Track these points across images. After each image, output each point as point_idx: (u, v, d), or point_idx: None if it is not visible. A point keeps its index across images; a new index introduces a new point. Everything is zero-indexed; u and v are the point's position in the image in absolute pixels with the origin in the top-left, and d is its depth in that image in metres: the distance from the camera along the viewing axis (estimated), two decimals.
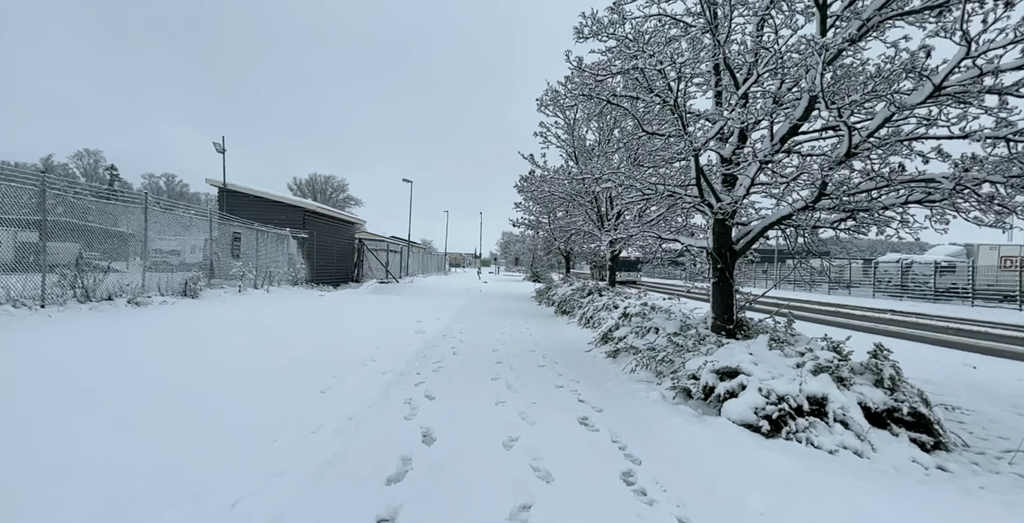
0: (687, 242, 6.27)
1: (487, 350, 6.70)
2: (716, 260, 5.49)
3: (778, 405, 3.56)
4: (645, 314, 7.26)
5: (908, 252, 35.40)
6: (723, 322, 5.41)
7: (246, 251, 12.09)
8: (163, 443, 2.76)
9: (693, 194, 5.36)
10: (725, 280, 5.48)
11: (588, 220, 13.12)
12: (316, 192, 69.39)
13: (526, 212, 16.86)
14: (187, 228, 11.32)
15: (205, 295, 9.72)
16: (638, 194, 6.02)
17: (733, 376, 3.97)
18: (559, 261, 32.15)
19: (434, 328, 8.37)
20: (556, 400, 4.25)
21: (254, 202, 15.56)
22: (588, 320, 9.61)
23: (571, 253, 21.71)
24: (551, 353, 6.69)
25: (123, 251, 9.28)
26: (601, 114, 6.66)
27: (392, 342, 6.55)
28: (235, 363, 4.66)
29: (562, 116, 12.37)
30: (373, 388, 4.23)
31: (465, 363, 5.73)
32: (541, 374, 5.30)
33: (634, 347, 5.88)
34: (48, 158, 64.52)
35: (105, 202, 8.49)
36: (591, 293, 11.71)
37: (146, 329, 5.98)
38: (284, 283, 13.64)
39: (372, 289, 17.64)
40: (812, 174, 4.18)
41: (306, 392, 3.90)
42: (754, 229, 5.34)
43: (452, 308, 12.24)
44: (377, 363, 5.26)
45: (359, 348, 5.92)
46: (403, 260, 28.39)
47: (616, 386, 4.79)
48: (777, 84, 4.62)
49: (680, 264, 8.14)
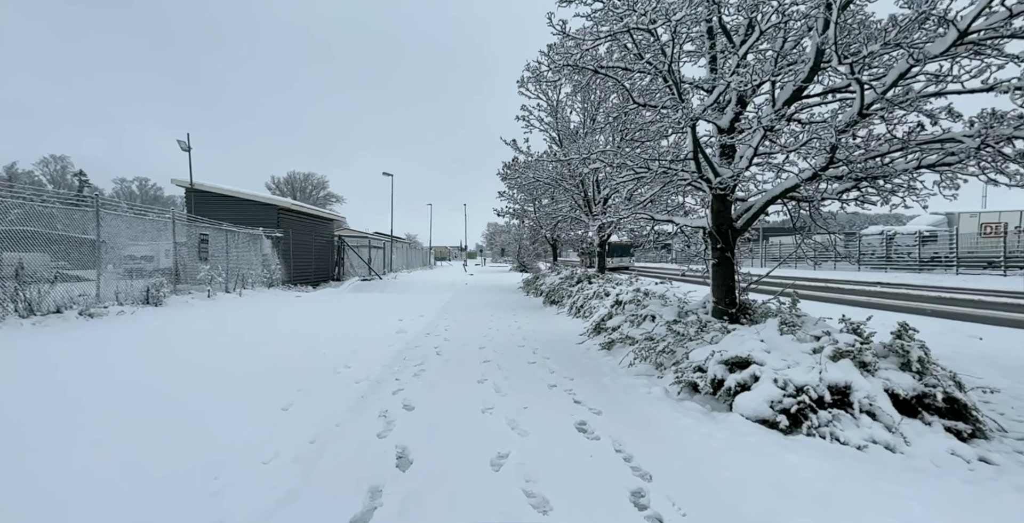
0: (682, 222, 5.86)
1: (473, 348, 6.25)
2: (716, 239, 5.09)
3: (797, 397, 3.18)
4: (639, 301, 6.87)
5: (886, 224, 35.72)
6: (725, 306, 5.02)
7: (215, 253, 11.41)
8: (48, 496, 2.26)
9: (689, 169, 4.92)
10: (726, 261, 5.09)
11: (575, 206, 12.67)
12: (296, 190, 67.82)
13: (510, 201, 16.37)
14: (161, 232, 10.69)
15: (170, 302, 9.08)
16: (629, 173, 5.57)
17: (744, 366, 3.58)
18: (545, 250, 31.74)
19: (417, 326, 7.89)
20: (550, 403, 3.82)
21: (224, 202, 14.78)
22: (579, 310, 9.22)
23: (558, 241, 21.30)
24: (541, 347, 6.27)
25: (92, 259, 8.85)
26: (587, 88, 6.15)
27: (370, 345, 6.05)
28: (187, 379, 4.13)
29: (545, 98, 11.84)
30: (344, 400, 3.75)
31: (449, 364, 5.27)
32: (532, 372, 4.87)
33: (630, 337, 5.48)
34: (12, 166, 61.85)
35: (73, 208, 7.81)
36: (580, 281, 11.30)
37: (91, 344, 5.40)
38: (259, 285, 12.99)
39: (353, 287, 17.04)
40: (822, 139, 3.76)
41: (264, 411, 3.41)
42: (755, 204, 4.94)
43: (437, 303, 11.76)
44: (351, 370, 4.77)
45: (333, 354, 5.42)
46: (386, 256, 27.72)
47: (614, 382, 4.38)
48: (780, 43, 4.16)
49: (670, 247, 7.76)
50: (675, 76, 4.56)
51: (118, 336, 5.92)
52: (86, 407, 3.32)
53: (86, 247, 8.77)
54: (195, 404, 3.48)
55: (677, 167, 5.04)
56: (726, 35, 4.61)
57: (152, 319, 7.35)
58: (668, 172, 5.35)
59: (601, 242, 12.27)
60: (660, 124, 5.32)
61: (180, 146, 13.91)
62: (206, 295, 10.28)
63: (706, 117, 4.87)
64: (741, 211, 5.19)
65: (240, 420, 3.21)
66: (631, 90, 5.18)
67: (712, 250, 5.21)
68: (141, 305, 8.41)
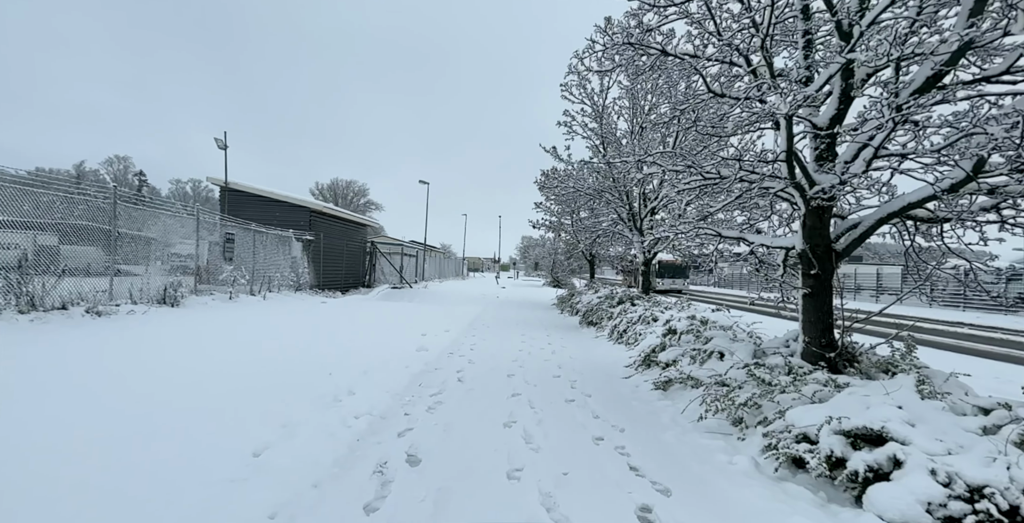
0: (759, 241, 4.85)
1: (501, 375, 5.39)
2: (809, 263, 4.07)
3: (973, 502, 2.15)
4: (698, 331, 5.85)
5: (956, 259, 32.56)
6: (820, 347, 3.98)
7: (240, 254, 11.06)
8: None
9: (780, 174, 3.95)
10: (823, 290, 4.06)
11: (618, 220, 11.72)
12: (337, 197, 69.44)
13: (547, 213, 15.54)
14: (211, 232, 10.54)
15: (189, 303, 8.67)
16: (696, 179, 4.64)
17: (876, 442, 2.57)
18: (580, 266, 30.66)
19: (440, 344, 7.10)
20: (597, 467, 2.90)
21: (257, 202, 14.63)
22: (621, 335, 8.21)
23: (595, 257, 20.27)
24: (581, 380, 5.33)
25: (143, 255, 8.97)
26: (645, 78, 5.29)
27: (384, 365, 5.29)
28: (150, 403, 3.45)
29: (589, 102, 11.04)
30: (334, 445, 2.96)
31: (471, 396, 4.43)
32: (571, 415, 3.96)
33: (693, 378, 4.49)
34: (80, 164, 66.11)
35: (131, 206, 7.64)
36: (622, 302, 10.29)
37: (76, 347, 4.86)
38: (285, 289, 12.60)
39: (382, 295, 16.53)
40: (988, 135, 2.75)
41: (229, 459, 2.65)
42: (864, 221, 3.91)
43: (465, 317, 10.98)
44: (356, 398, 4.00)
45: (340, 375, 4.67)
46: (419, 265, 27.35)
47: (679, 440, 3.41)
48: (916, 10, 3.19)
49: (712, 270, 6.70)
50: (768, 54, 3.65)
51: (112, 338, 5.39)
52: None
53: (139, 243, 8.81)
54: (147, 450, 2.76)
55: (763, 171, 4.08)
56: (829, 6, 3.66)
57: (161, 320, 6.87)
58: (746, 178, 4.40)
59: (647, 260, 11.23)
60: (741, 119, 4.38)
61: (217, 144, 13.87)
62: (227, 297, 9.87)
63: (799, 114, 3.93)
64: (842, 230, 4.16)
65: (195, 472, 2.45)
66: (704, 77, 4.29)
67: (804, 276, 4.19)
68: (156, 305, 8.00)
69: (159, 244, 9.92)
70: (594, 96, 11.06)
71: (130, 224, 8.40)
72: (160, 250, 10.02)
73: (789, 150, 3.71)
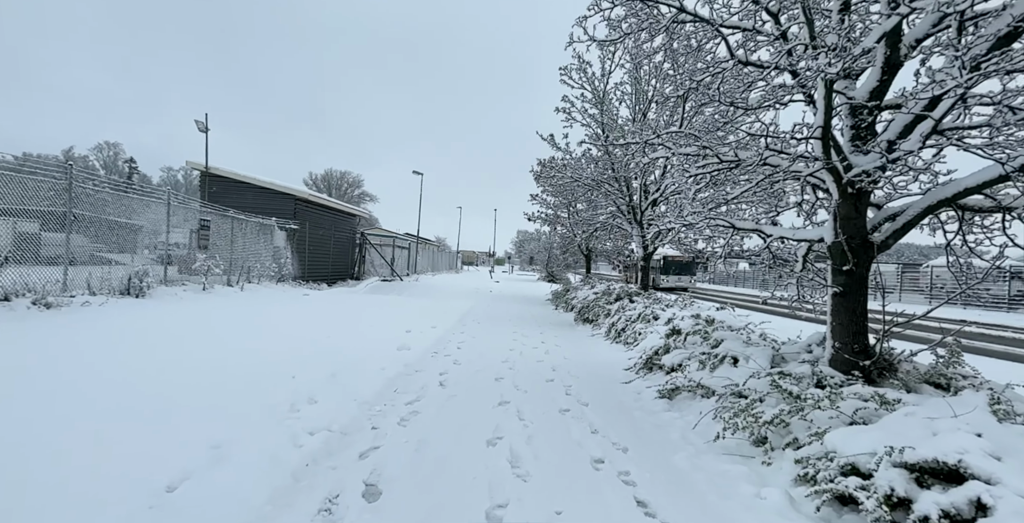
0: (778, 234, 4.31)
1: (488, 379, 4.85)
2: (842, 258, 3.54)
3: None
4: (706, 332, 5.33)
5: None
6: (852, 355, 3.46)
7: (217, 242, 10.43)
8: None
9: (811, 155, 3.40)
10: (856, 289, 3.54)
11: (617, 212, 11.18)
12: (331, 187, 68.47)
13: (543, 205, 14.96)
14: (189, 219, 10.01)
15: (156, 294, 8.05)
16: (712, 162, 4.09)
17: (950, 479, 2.06)
18: (577, 260, 30.13)
19: (425, 342, 6.55)
20: (599, 502, 2.37)
21: (240, 188, 13.94)
22: (619, 334, 7.70)
23: (592, 251, 19.75)
24: (577, 385, 4.81)
25: (130, 243, 8.87)
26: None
27: (357, 366, 4.73)
28: (54, 422, 2.88)
29: (590, 87, 10.45)
30: (275, 473, 2.41)
31: (452, 404, 3.88)
32: (566, 430, 3.43)
33: (704, 386, 3.97)
34: (69, 150, 64.68)
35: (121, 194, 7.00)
36: (620, 298, 9.77)
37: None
38: (266, 280, 11.97)
39: (371, 288, 15.94)
40: None
41: (133, 496, 2.08)
42: (910, 210, 3.38)
43: (454, 312, 10.42)
44: (316, 407, 3.45)
45: (303, 378, 4.11)
46: (411, 257, 26.74)
47: (692, 464, 2.88)
48: None
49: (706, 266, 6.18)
50: (808, 9, 3.09)
51: (44, 334, 4.79)
52: None
53: (125, 231, 8.51)
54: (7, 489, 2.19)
55: (793, 151, 3.53)
56: None
57: (119, 313, 6.26)
58: (770, 162, 3.86)
59: (646, 255, 10.70)
60: (766, 91, 3.84)
61: (198, 126, 13.17)
62: (201, 288, 9.25)
63: (836, 87, 3.38)
64: (880, 219, 3.63)
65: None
66: (727, 40, 3.72)
67: (834, 273, 3.66)
68: (118, 296, 7.38)
69: (146, 232, 9.40)
70: (595, 81, 10.47)
71: (96, 209, 7.77)
72: (148, 238, 9.51)
73: (827, 125, 3.17)
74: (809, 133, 3.25)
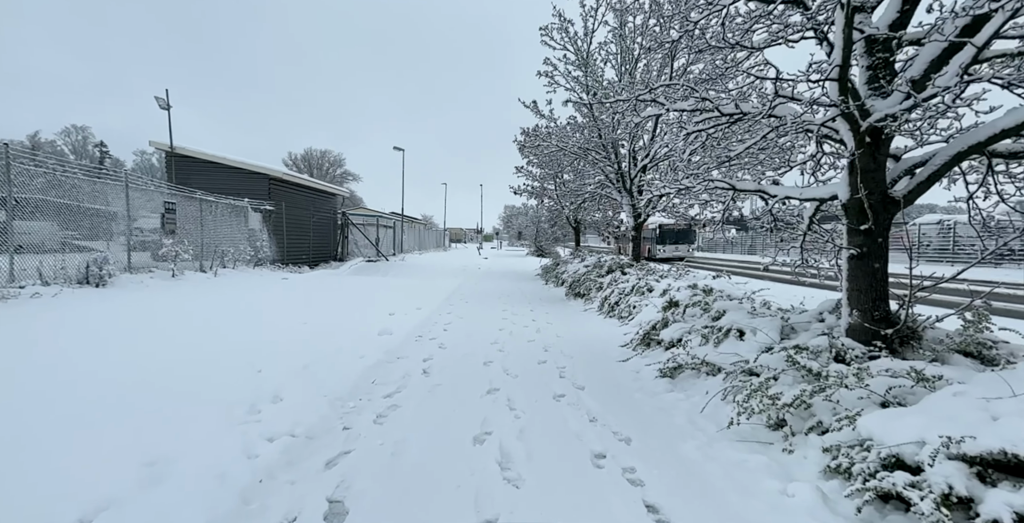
0: (783, 194, 3.92)
1: (476, 363, 4.51)
2: (860, 217, 3.18)
3: None
4: (705, 304, 5.01)
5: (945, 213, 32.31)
6: (873, 323, 3.14)
7: (186, 226, 9.81)
8: None
9: (829, 100, 2.97)
10: (876, 250, 3.19)
11: (606, 181, 10.72)
12: (312, 167, 66.55)
13: (529, 177, 14.40)
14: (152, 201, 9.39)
15: (120, 282, 7.52)
16: (712, 116, 3.64)
17: (1022, 473, 1.74)
18: (565, 234, 29.72)
19: (408, 324, 6.17)
20: (603, 510, 2.04)
21: (209, 169, 13.17)
22: (612, 307, 7.39)
23: (580, 223, 19.35)
24: (571, 365, 4.48)
25: (104, 230, 8.41)
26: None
27: (333, 356, 4.34)
28: None
29: (573, 48, 9.79)
30: (218, 495, 2.03)
31: (436, 396, 3.53)
32: (561, 419, 3.10)
33: (709, 363, 3.65)
34: (35, 135, 61.67)
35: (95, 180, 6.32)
36: (611, 271, 9.44)
37: None
38: (242, 264, 11.42)
39: (355, 269, 15.44)
40: None
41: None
42: (936, 158, 3.00)
43: (442, 291, 10.04)
44: (282, 405, 3.07)
45: (272, 370, 3.72)
46: (396, 236, 26.11)
47: (704, 454, 2.57)
48: None
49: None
50: None
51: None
52: None
53: (98, 218, 8.15)
54: None
55: (806, 97, 3.09)
56: None
57: (72, 305, 5.76)
58: (775, 114, 3.43)
59: (637, 225, 10.32)
60: (771, 30, 3.36)
61: (159, 104, 12.27)
62: (170, 274, 8.71)
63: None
64: (901, 171, 3.26)
65: None
66: None
67: (850, 234, 3.30)
68: (75, 286, 6.86)
69: (122, 218, 8.81)
70: (578, 41, 9.79)
71: (46, 192, 7.16)
72: (124, 225, 8.93)
73: (845, 62, 2.72)
74: (826, 73, 2.81)
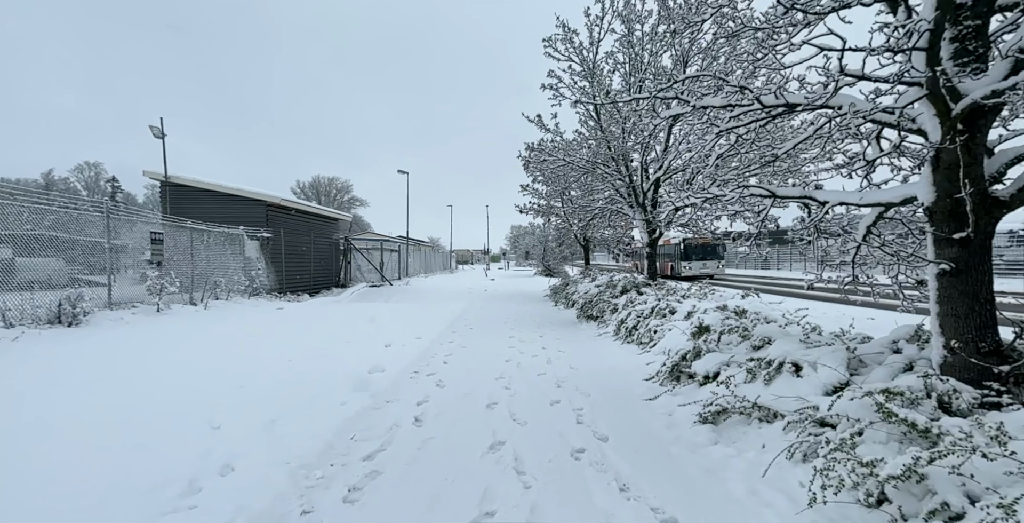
0: (837, 200, 3.27)
1: (478, 406, 3.83)
2: (951, 223, 2.53)
3: None
4: (745, 329, 4.32)
5: None
6: (980, 356, 2.44)
7: (173, 257, 9.33)
8: None
9: (911, 77, 2.37)
10: (976, 264, 2.52)
11: (617, 196, 10.15)
12: (320, 194, 67.20)
13: (534, 195, 13.88)
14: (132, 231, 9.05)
15: (96, 320, 6.98)
16: (752, 108, 3.04)
17: None
18: (573, 252, 29.07)
19: (405, 358, 5.52)
20: None
21: (204, 197, 12.82)
22: (630, 332, 6.68)
23: (589, 241, 18.73)
24: (590, 407, 3.79)
25: (113, 265, 8.03)
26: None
27: (307, 405, 3.70)
28: None
29: (579, 58, 9.37)
30: None
31: (427, 457, 2.85)
32: (584, 490, 2.41)
33: (763, 407, 2.96)
34: (49, 173, 63.01)
35: None
36: (626, 290, 8.76)
37: None
38: (236, 294, 10.89)
39: (357, 295, 14.87)
40: None
41: None
42: None
43: (444, 317, 9.39)
44: (226, 482, 2.41)
45: (231, 427, 3.09)
46: (401, 260, 25.63)
47: None
48: None
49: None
50: None
51: None
52: None
53: (105, 253, 7.85)
54: None
55: (878, 75, 2.49)
56: None
57: (27, 349, 5.20)
58: (829, 103, 2.83)
59: (651, 241, 9.68)
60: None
61: (153, 133, 12.01)
62: (155, 309, 8.17)
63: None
64: (998, 167, 2.62)
65: None
66: None
67: (939, 244, 2.64)
68: (45, 326, 6.31)
69: (132, 252, 8.56)
70: (583, 51, 9.38)
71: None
72: (132, 258, 8.65)
73: (938, 26, 2.13)
74: (913, 41, 2.20)
